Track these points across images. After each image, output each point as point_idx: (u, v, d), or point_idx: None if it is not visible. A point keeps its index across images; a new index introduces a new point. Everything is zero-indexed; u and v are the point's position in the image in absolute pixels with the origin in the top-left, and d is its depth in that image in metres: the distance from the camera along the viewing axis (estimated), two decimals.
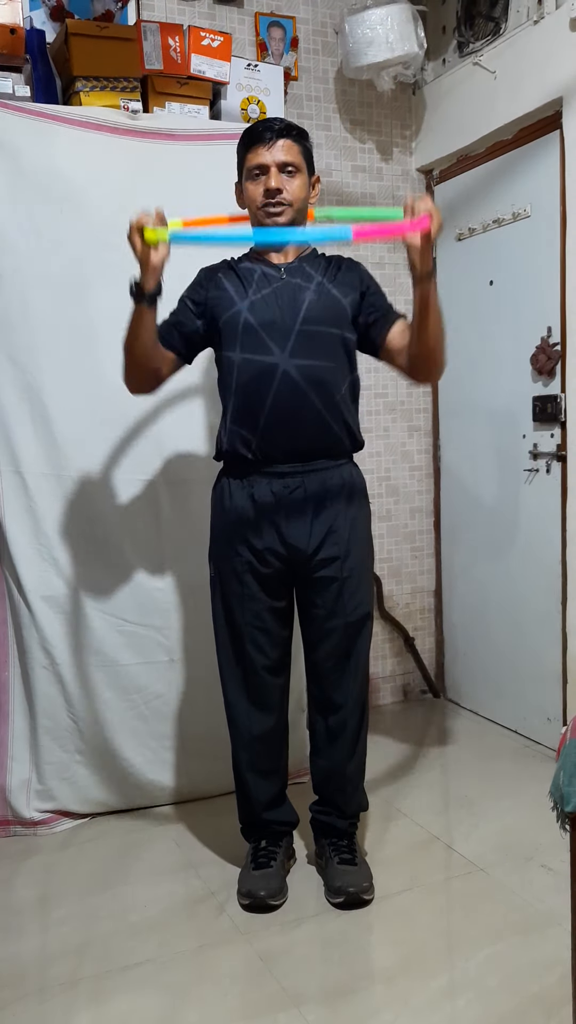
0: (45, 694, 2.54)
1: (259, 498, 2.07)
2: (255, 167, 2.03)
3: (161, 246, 1.91)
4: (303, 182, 2.06)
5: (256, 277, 2.06)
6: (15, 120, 2.43)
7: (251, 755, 2.20)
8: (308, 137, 2.10)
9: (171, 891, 2.23)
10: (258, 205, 2.03)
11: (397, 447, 3.55)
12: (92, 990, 1.85)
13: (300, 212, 2.06)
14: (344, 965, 1.91)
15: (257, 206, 2.04)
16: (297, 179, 2.04)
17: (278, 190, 2.01)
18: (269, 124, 2.05)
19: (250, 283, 2.06)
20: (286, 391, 2.01)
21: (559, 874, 2.18)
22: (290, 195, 2.02)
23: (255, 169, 2.03)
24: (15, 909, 2.19)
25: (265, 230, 2.00)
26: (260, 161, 2.02)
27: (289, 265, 2.08)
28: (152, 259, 1.92)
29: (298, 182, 2.04)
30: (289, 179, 2.03)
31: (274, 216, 2.03)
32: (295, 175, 2.04)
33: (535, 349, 2.96)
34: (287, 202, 2.02)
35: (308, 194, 2.09)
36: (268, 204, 2.02)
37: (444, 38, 3.32)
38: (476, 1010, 1.74)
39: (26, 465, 2.49)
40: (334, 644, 2.14)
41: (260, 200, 2.02)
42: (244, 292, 2.05)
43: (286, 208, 2.03)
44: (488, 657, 3.34)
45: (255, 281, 2.06)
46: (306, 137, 2.09)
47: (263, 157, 2.02)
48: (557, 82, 2.74)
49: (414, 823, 2.54)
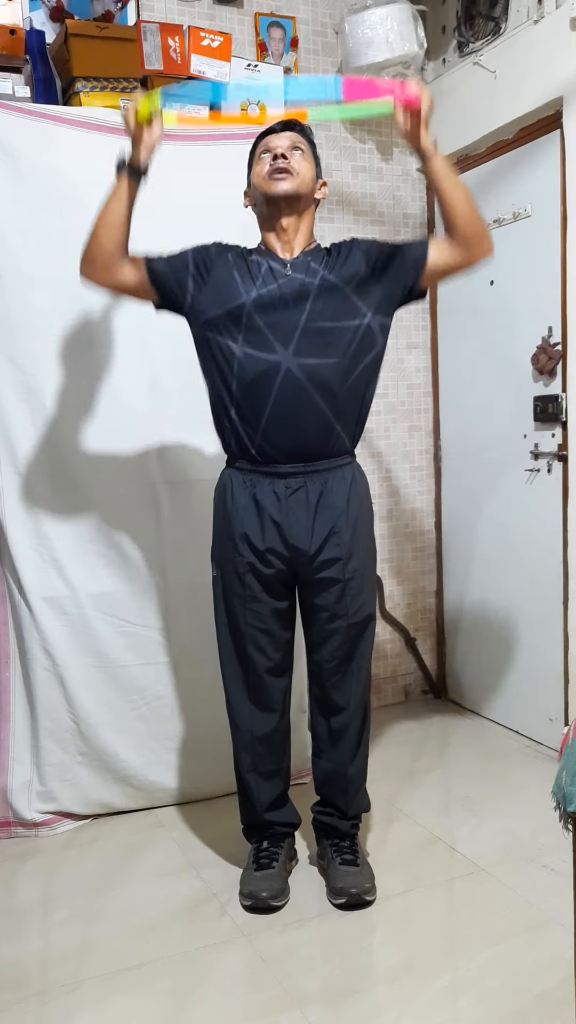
0: (46, 695, 2.54)
1: (261, 498, 2.07)
2: (263, 150, 2.06)
3: (156, 124, 1.93)
4: (310, 164, 2.07)
5: (263, 271, 2.04)
6: (15, 121, 2.43)
7: (253, 756, 2.20)
8: (312, 135, 2.12)
9: (173, 892, 2.23)
10: (264, 175, 2.03)
11: (398, 447, 3.55)
12: (94, 992, 1.85)
13: (307, 191, 2.06)
14: (346, 966, 1.91)
15: (263, 176, 2.04)
16: (304, 159, 2.05)
17: (284, 156, 2.02)
18: (280, 121, 2.09)
19: (257, 276, 2.04)
20: (288, 391, 2.00)
21: (561, 874, 2.18)
22: (296, 165, 2.03)
23: (263, 151, 2.06)
24: (17, 911, 2.19)
25: (246, 85, 1.94)
26: (268, 145, 2.05)
27: (294, 261, 2.06)
28: (145, 137, 1.94)
29: (305, 162, 2.05)
30: (296, 156, 2.04)
31: (279, 180, 2.02)
32: (303, 155, 2.05)
33: (536, 349, 2.96)
34: (293, 170, 2.02)
35: (315, 183, 2.09)
36: (274, 171, 2.02)
37: (444, 38, 3.32)
38: (478, 1011, 1.74)
39: (27, 465, 2.49)
40: (336, 645, 2.14)
41: (266, 170, 2.03)
42: (251, 284, 2.03)
43: (291, 176, 2.02)
44: (490, 657, 3.34)
45: (262, 275, 2.04)
46: (313, 138, 2.12)
47: (271, 142, 2.05)
48: (557, 82, 2.74)
49: (416, 824, 2.54)
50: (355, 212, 3.40)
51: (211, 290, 2.04)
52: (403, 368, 3.54)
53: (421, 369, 3.59)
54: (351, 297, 2.03)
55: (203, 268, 2.06)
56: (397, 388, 3.53)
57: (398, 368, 3.52)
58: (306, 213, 2.09)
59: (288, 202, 2.03)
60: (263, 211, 2.09)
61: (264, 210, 2.08)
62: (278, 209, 2.04)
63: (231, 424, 2.07)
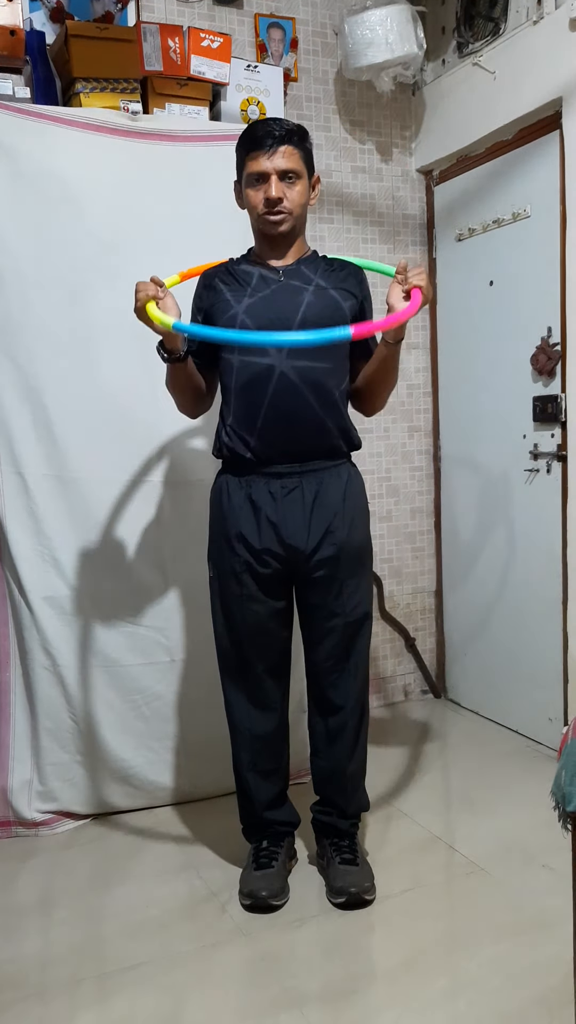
0: (46, 695, 2.54)
1: (257, 498, 2.07)
2: (255, 174, 2.03)
3: (169, 306, 1.95)
4: (303, 188, 2.06)
5: (254, 280, 2.07)
6: (15, 121, 2.43)
7: (252, 755, 2.20)
8: (308, 137, 2.09)
9: (173, 892, 2.24)
10: (259, 213, 2.05)
11: (397, 448, 3.55)
12: (94, 991, 1.85)
13: (300, 219, 2.09)
14: (346, 965, 1.91)
15: (258, 213, 2.05)
16: (297, 186, 2.05)
17: (279, 199, 2.01)
18: (269, 129, 2.01)
19: (248, 285, 2.07)
20: (283, 392, 2.02)
21: (561, 874, 2.18)
22: (290, 203, 2.03)
23: (255, 176, 2.03)
24: (17, 910, 2.19)
25: (256, 334, 1.97)
26: (260, 169, 2.01)
27: (287, 268, 2.08)
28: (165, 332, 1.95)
29: (298, 188, 2.05)
30: (289, 187, 2.03)
31: (275, 224, 2.04)
32: (295, 182, 2.04)
33: (535, 349, 2.97)
34: (287, 210, 2.03)
35: (308, 199, 2.10)
36: (269, 213, 2.03)
37: (443, 39, 3.32)
38: (478, 1010, 1.74)
39: (27, 466, 2.49)
40: (333, 644, 2.14)
41: (261, 208, 2.04)
42: (241, 295, 2.06)
43: (286, 216, 2.04)
44: (489, 657, 3.34)
45: (253, 284, 2.06)
46: (306, 138, 2.08)
47: (263, 165, 2.01)
48: (557, 82, 2.74)
49: (415, 823, 2.54)
50: (354, 213, 3.40)
51: (211, 315, 2.09)
52: (403, 368, 3.53)
53: (421, 369, 3.59)
54: (340, 304, 2.07)
55: (204, 309, 2.12)
56: (397, 388, 3.52)
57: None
58: (299, 226, 2.12)
59: (283, 236, 2.08)
60: (257, 232, 2.12)
61: (258, 233, 2.11)
62: (272, 238, 2.09)
63: (229, 425, 2.10)
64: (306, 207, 2.09)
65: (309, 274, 2.08)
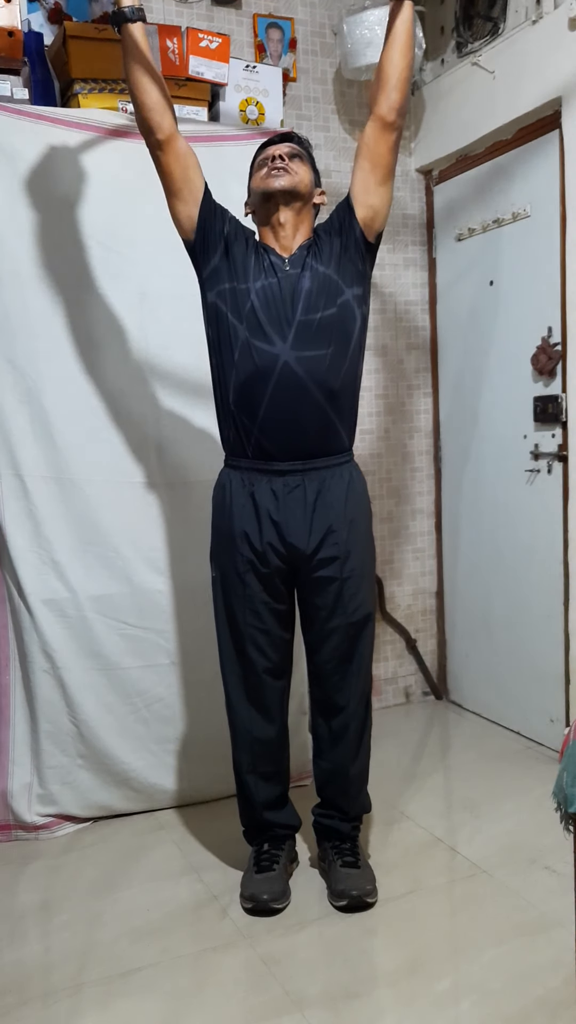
0: (46, 698, 2.54)
1: (259, 497, 2.07)
2: (263, 158, 2.10)
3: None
4: (308, 169, 2.11)
5: (266, 264, 2.07)
6: (13, 122, 2.43)
7: (252, 758, 2.20)
8: (312, 150, 2.18)
9: (173, 895, 2.23)
10: (262, 175, 2.07)
11: (398, 448, 3.55)
12: (95, 995, 1.85)
13: (304, 190, 2.08)
14: (347, 968, 1.91)
15: (261, 176, 2.07)
16: (303, 164, 2.10)
17: (282, 157, 2.06)
18: (278, 134, 2.17)
19: (261, 268, 2.06)
20: (286, 383, 2.01)
21: (563, 876, 2.18)
22: (294, 167, 2.07)
23: (262, 160, 2.10)
24: (17, 914, 2.18)
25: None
26: (267, 152, 2.09)
27: (292, 257, 2.08)
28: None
29: (304, 166, 2.10)
30: (295, 161, 2.09)
31: (276, 176, 2.05)
32: (301, 161, 2.10)
33: (535, 349, 2.96)
34: (291, 170, 2.06)
35: (312, 187, 2.12)
36: (272, 169, 2.05)
37: (443, 38, 3.32)
38: (480, 1013, 1.73)
39: (26, 468, 2.49)
40: (335, 645, 2.14)
41: (264, 171, 2.07)
42: (259, 273, 2.06)
43: (288, 174, 2.05)
44: (490, 659, 3.34)
45: (264, 268, 2.06)
46: (310, 149, 2.18)
47: (270, 150, 2.10)
48: (556, 82, 2.73)
49: (417, 825, 2.53)
50: None
51: (231, 263, 2.07)
52: (403, 368, 3.54)
53: (421, 369, 3.58)
54: (333, 277, 2.06)
55: (231, 238, 2.10)
56: (397, 388, 3.53)
57: (398, 368, 3.52)
58: (304, 214, 2.10)
59: (285, 198, 2.06)
60: (260, 210, 2.12)
61: (261, 208, 2.11)
62: (275, 205, 2.07)
63: (230, 414, 2.09)
64: (311, 193, 2.11)
65: (309, 260, 2.07)
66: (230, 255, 2.07)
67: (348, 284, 2.07)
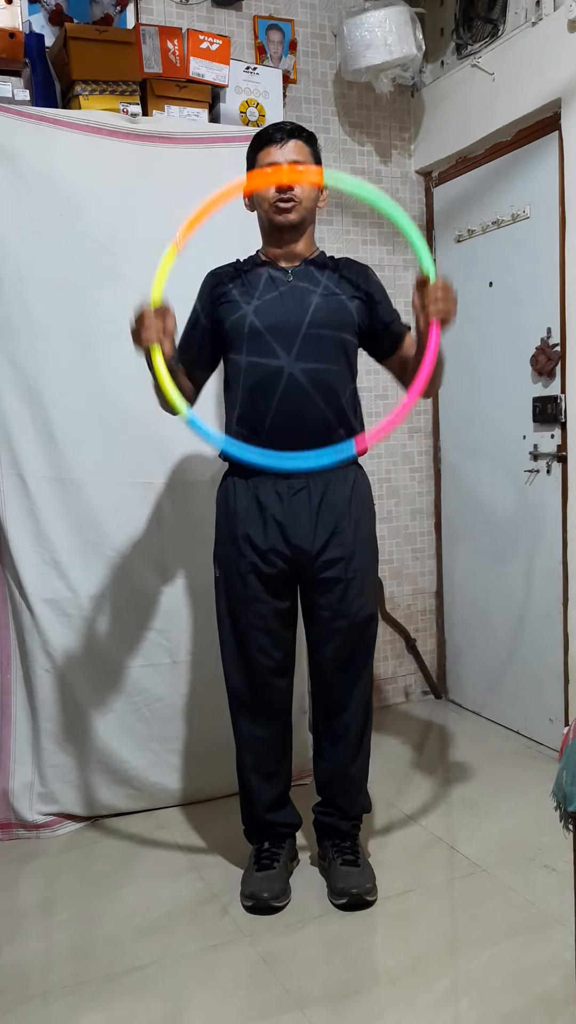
0: (47, 697, 2.54)
1: (263, 498, 2.07)
2: (266, 161, 2.06)
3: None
4: (312, 188, 2.07)
5: (263, 281, 2.07)
6: (14, 124, 2.43)
7: (254, 757, 2.20)
8: (317, 142, 2.13)
9: (174, 893, 2.23)
10: (270, 202, 2.04)
11: (398, 449, 3.56)
12: (96, 993, 1.85)
13: (309, 212, 2.08)
14: (347, 966, 1.91)
15: (269, 203, 2.05)
16: (306, 179, 2.05)
17: (289, 187, 2.02)
18: (280, 125, 2.08)
19: (256, 287, 2.07)
20: (292, 394, 2.02)
21: (562, 874, 2.18)
22: (301, 192, 2.04)
23: (265, 162, 2.06)
24: (18, 912, 2.19)
25: (261, 452, 1.97)
26: (271, 159, 2.04)
27: (296, 269, 2.09)
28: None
29: (306, 185, 2.05)
30: (299, 186, 2.04)
31: (285, 212, 2.04)
32: (305, 174, 2.05)
33: (535, 350, 2.97)
34: (298, 199, 2.04)
35: (317, 196, 2.10)
36: (279, 200, 2.03)
37: (442, 40, 3.32)
38: (480, 1010, 1.74)
39: (27, 468, 2.49)
40: (338, 645, 2.14)
41: (272, 196, 2.04)
42: (250, 296, 2.06)
43: (296, 205, 2.04)
44: (490, 658, 3.34)
45: (262, 285, 2.07)
46: (315, 141, 2.12)
47: (275, 155, 2.04)
48: (555, 83, 2.74)
49: (417, 824, 2.54)
50: (354, 215, 3.40)
51: (218, 314, 2.09)
52: None
53: None
54: (348, 306, 2.08)
55: (208, 308, 2.11)
56: (397, 389, 3.53)
57: None
58: (308, 223, 2.11)
59: (293, 228, 2.07)
60: (266, 228, 2.11)
61: (268, 228, 2.11)
62: (282, 233, 2.08)
63: (236, 427, 2.09)
64: (315, 204, 2.10)
65: (317, 276, 2.08)
66: (215, 315, 2.10)
67: (352, 320, 2.10)
